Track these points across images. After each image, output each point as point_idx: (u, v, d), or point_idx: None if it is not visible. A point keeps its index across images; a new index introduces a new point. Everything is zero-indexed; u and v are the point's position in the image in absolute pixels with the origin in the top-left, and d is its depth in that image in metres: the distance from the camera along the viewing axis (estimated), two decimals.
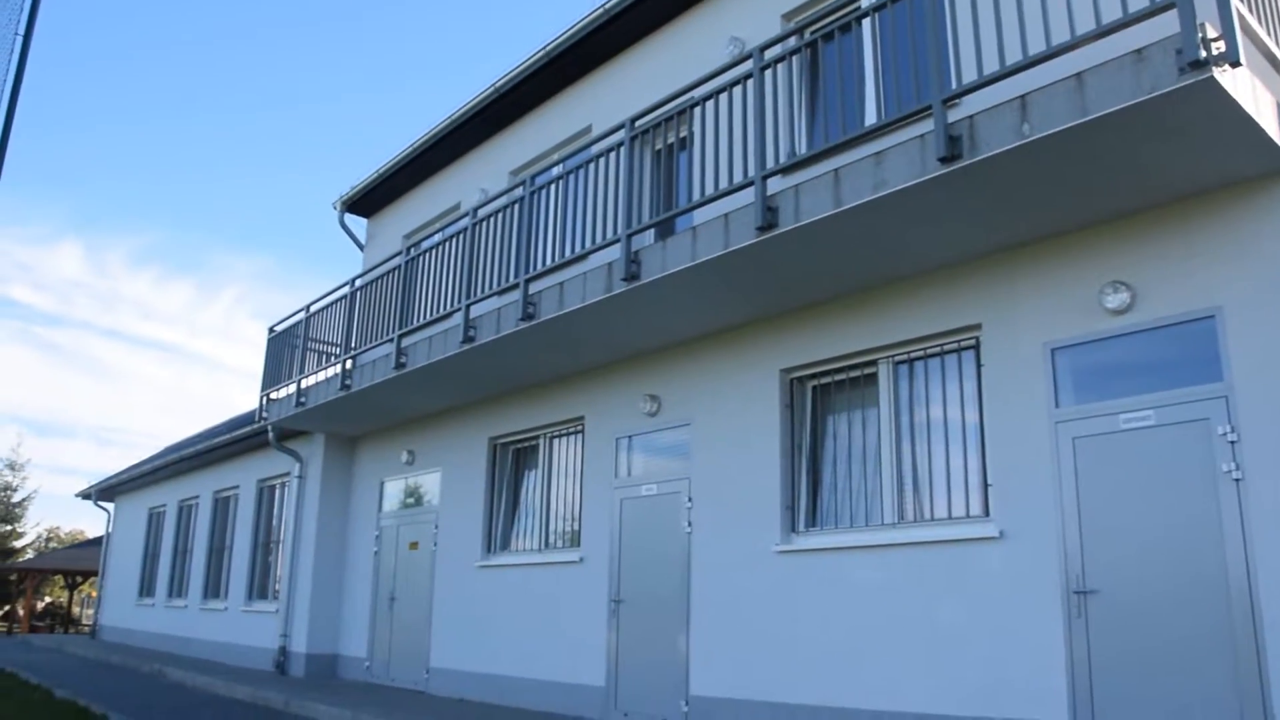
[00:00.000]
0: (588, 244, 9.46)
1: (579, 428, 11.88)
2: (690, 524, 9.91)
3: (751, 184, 7.75)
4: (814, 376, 9.32)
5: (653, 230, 9.10)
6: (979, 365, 7.96)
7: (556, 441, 12.38)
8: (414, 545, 14.37)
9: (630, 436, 10.99)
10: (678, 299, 9.10)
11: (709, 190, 8.31)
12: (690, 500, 9.97)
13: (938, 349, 8.37)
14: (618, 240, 8.98)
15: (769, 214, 7.53)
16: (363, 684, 14.38)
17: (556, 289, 9.72)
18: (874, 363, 8.79)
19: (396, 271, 12.58)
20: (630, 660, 10.31)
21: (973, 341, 8.08)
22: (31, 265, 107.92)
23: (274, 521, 18.09)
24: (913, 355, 8.53)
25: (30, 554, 54.64)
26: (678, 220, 8.91)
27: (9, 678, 15.92)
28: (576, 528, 11.62)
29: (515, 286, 10.20)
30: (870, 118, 7.61)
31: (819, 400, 9.33)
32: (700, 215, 8.62)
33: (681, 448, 10.30)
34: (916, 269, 8.22)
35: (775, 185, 7.76)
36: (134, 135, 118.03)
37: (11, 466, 57.17)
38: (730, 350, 9.88)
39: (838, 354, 8.93)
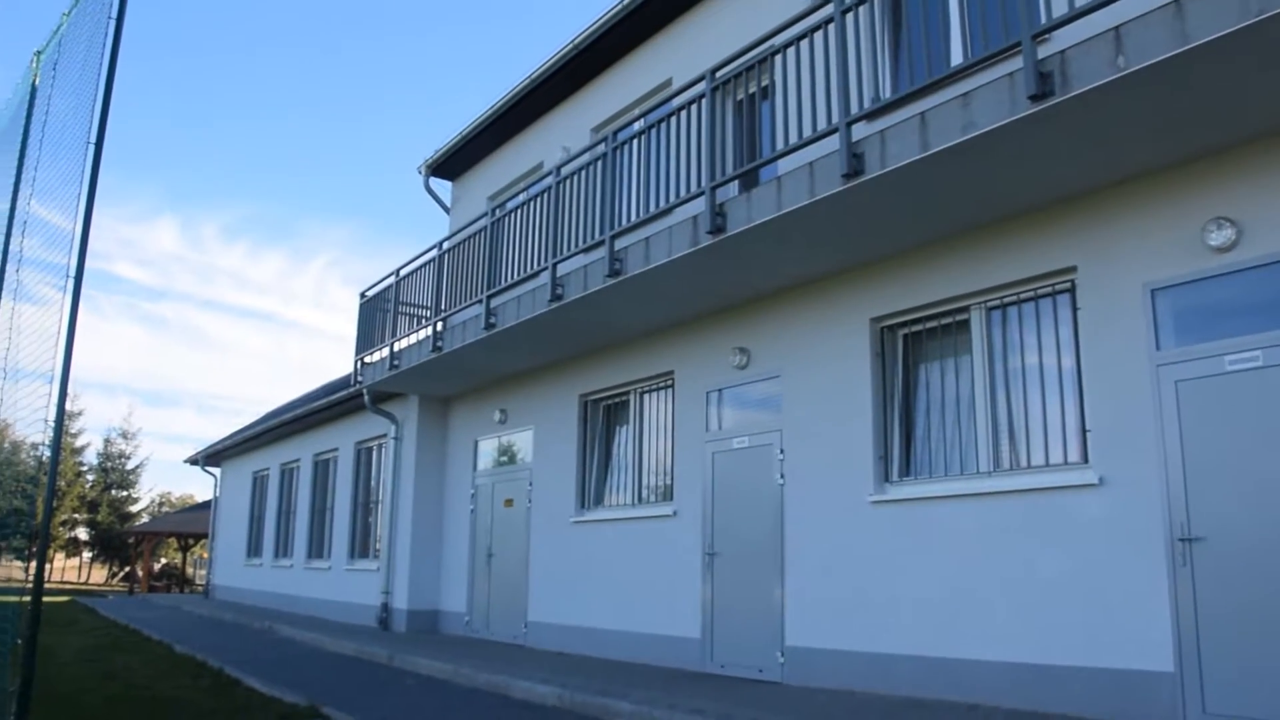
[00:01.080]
0: (672, 198, 9.43)
1: (669, 382, 11.91)
2: (782, 476, 9.89)
3: (835, 131, 7.62)
4: (904, 325, 9.19)
5: (736, 182, 9.02)
6: (1075, 309, 7.76)
7: (647, 397, 12.44)
8: (509, 502, 14.61)
9: (720, 390, 10.99)
10: (764, 250, 9.03)
11: (792, 139, 8.20)
12: (782, 452, 9.95)
13: (1031, 293, 8.18)
14: (702, 193, 8.93)
15: (854, 161, 7.41)
16: (463, 639, 14.72)
17: (642, 244, 9.72)
18: (965, 309, 8.63)
19: (483, 233, 12.70)
20: (725, 612, 10.38)
21: (1068, 284, 7.87)
22: (132, 241, 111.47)
23: (372, 482, 18.53)
24: (1005, 300, 8.36)
25: (145, 518, 56.93)
26: (761, 171, 8.82)
27: (133, 634, 16.67)
28: (669, 482, 11.69)
29: (601, 243, 10.23)
30: (956, 58, 7.40)
31: (910, 349, 9.20)
32: (784, 165, 8.51)
33: (772, 400, 10.26)
34: (1008, 212, 8.02)
35: (860, 131, 7.63)
36: (221, 111, 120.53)
37: (124, 435, 59.55)
38: (819, 300, 9.79)
39: (928, 301, 8.78)
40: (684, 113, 9.38)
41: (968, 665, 7.88)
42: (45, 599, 6.91)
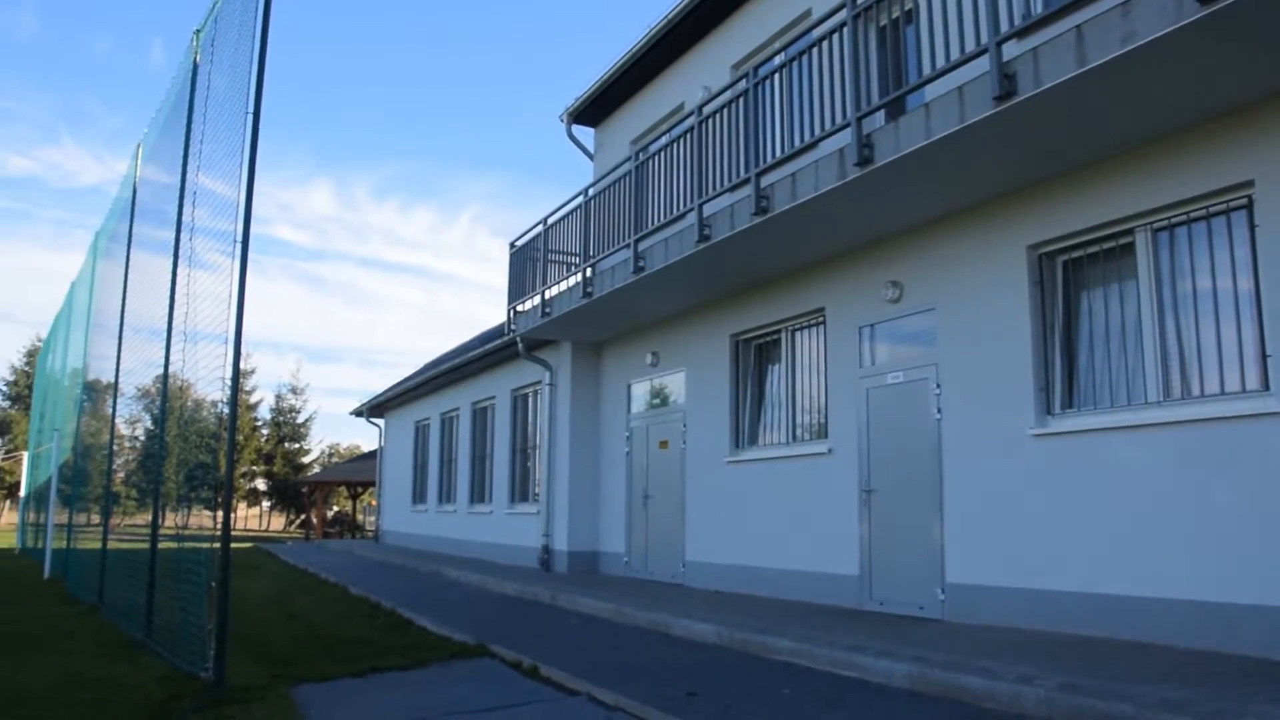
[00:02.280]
0: (816, 131, 9.25)
1: (820, 319, 11.77)
2: (940, 410, 9.70)
3: (985, 52, 7.32)
4: (1064, 251, 8.82)
5: (883, 111, 8.76)
6: (1252, 227, 7.30)
7: (798, 334, 12.33)
8: (664, 444, 14.75)
9: (873, 325, 10.80)
10: (914, 180, 8.79)
11: (939, 63, 7.91)
12: (938, 386, 9.74)
13: (1203, 211, 7.72)
14: (847, 125, 8.73)
15: (1006, 82, 7.11)
16: (622, 579, 15.02)
17: (788, 180, 9.58)
18: (1130, 232, 8.22)
19: (627, 177, 12.73)
20: (883, 549, 10.29)
21: (1244, 201, 7.40)
22: (289, 205, 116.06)
23: (529, 428, 18.97)
24: (1174, 221, 7.91)
25: (316, 468, 59.83)
26: (908, 99, 8.54)
27: (311, 577, 17.60)
28: (823, 420, 11.60)
29: (746, 181, 10.14)
30: None
31: (1071, 275, 8.83)
32: (932, 91, 8.22)
33: (927, 333, 10.04)
34: (1174, 127, 7.57)
35: (1011, 51, 7.29)
36: (366, 72, 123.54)
37: (294, 391, 62.63)
38: (973, 229, 9.48)
39: (1089, 225, 8.39)
40: (825, 43, 9.16)
41: (1138, 603, 7.62)
42: (232, 545, 7.34)
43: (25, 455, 29.81)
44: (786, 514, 11.80)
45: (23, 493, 29.90)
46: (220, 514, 7.50)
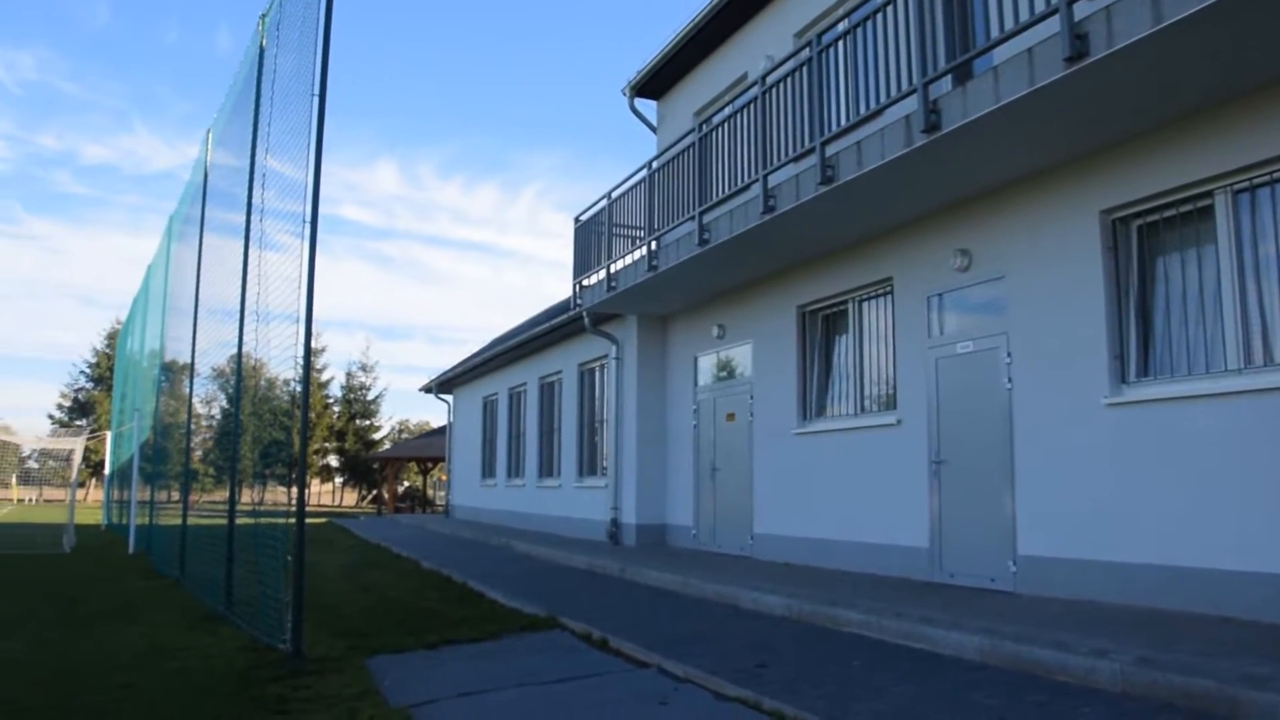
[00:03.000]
0: (882, 98, 9.11)
1: (887, 289, 11.63)
2: (1010, 380, 9.54)
3: (1055, 11, 7.12)
4: (1139, 215, 8.60)
5: (950, 76, 8.58)
6: None
7: (865, 305, 12.20)
8: (731, 416, 14.73)
9: (941, 294, 10.65)
10: (982, 146, 8.62)
11: (1008, 25, 7.71)
12: (1009, 356, 9.59)
13: None
14: (913, 91, 8.58)
15: (1078, 43, 6.93)
16: (690, 551, 15.06)
17: (854, 149, 9.46)
18: (1209, 194, 7.98)
19: (691, 149, 12.67)
20: (953, 521, 10.18)
21: None
22: (356, 185, 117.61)
23: (596, 402, 19.05)
24: (1256, 182, 7.66)
25: (387, 444, 60.77)
26: (975, 62, 8.35)
27: (384, 551, 17.92)
28: (891, 391, 11.49)
29: (811, 151, 10.03)
30: None
31: (1145, 240, 8.61)
32: (1000, 54, 8.03)
33: (997, 302, 9.87)
34: (1258, 83, 7.30)
35: (1083, 9, 7.09)
36: (429, 52, 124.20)
37: (364, 368, 63.51)
38: (1044, 194, 9.28)
39: (1166, 188, 8.15)
40: (890, 8, 9.00)
41: (1217, 576, 7.45)
42: (306, 521, 7.49)
43: (108, 435, 30.68)
44: (855, 486, 11.72)
45: (107, 471, 30.82)
46: (295, 490, 7.65)
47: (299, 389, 7.76)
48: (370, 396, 63.29)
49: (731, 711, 5.50)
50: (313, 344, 7.53)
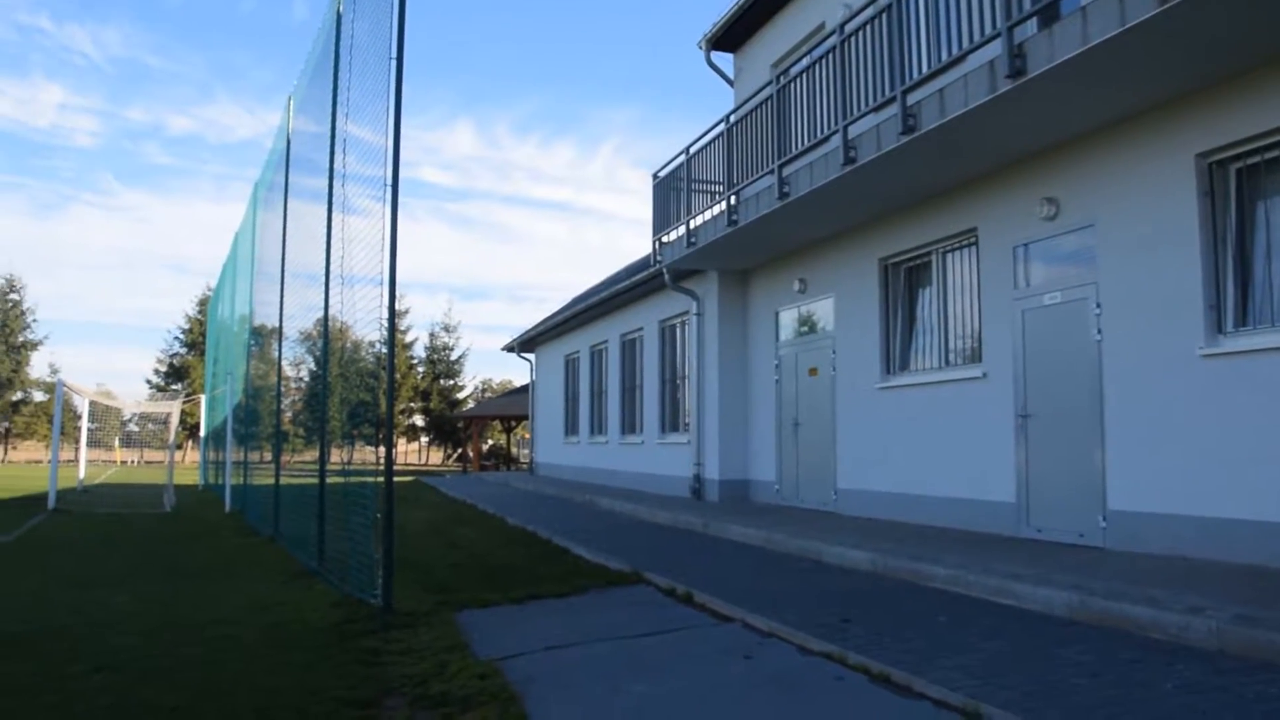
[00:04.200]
0: (965, 44, 8.88)
1: (972, 240, 11.40)
2: (1100, 332, 9.31)
3: None
4: (1237, 158, 8.28)
5: (1035, 19, 8.32)
6: None
7: (949, 256, 11.98)
8: (813, 371, 14.63)
9: (1027, 244, 10.41)
10: (1070, 90, 8.36)
11: None
12: (1098, 306, 9.35)
13: None
14: (998, 35, 8.34)
15: None
16: (773, 506, 15.04)
17: (936, 97, 9.25)
18: None
19: (769, 102, 12.52)
20: (1041, 475, 10.01)
21: None
22: (434, 148, 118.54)
23: (678, 358, 19.06)
24: None
25: (471, 404, 61.68)
26: (1063, 2, 8.08)
27: (470, 509, 18.21)
28: (976, 344, 11.30)
29: (892, 100, 9.84)
30: None
31: (1245, 184, 8.29)
32: None
33: (1085, 251, 9.62)
34: None
35: None
36: (502, 9, 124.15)
37: (447, 329, 64.30)
38: (1135, 139, 8.99)
39: (1267, 129, 7.83)
40: None
41: None
42: (394, 479, 7.64)
43: (203, 398, 31.61)
44: (940, 440, 11.58)
45: (202, 433, 31.77)
46: (382, 449, 7.80)
47: (384, 350, 7.89)
48: (453, 356, 64.11)
49: (816, 666, 5.50)
50: (396, 306, 7.63)
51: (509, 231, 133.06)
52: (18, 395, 61.90)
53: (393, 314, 7.63)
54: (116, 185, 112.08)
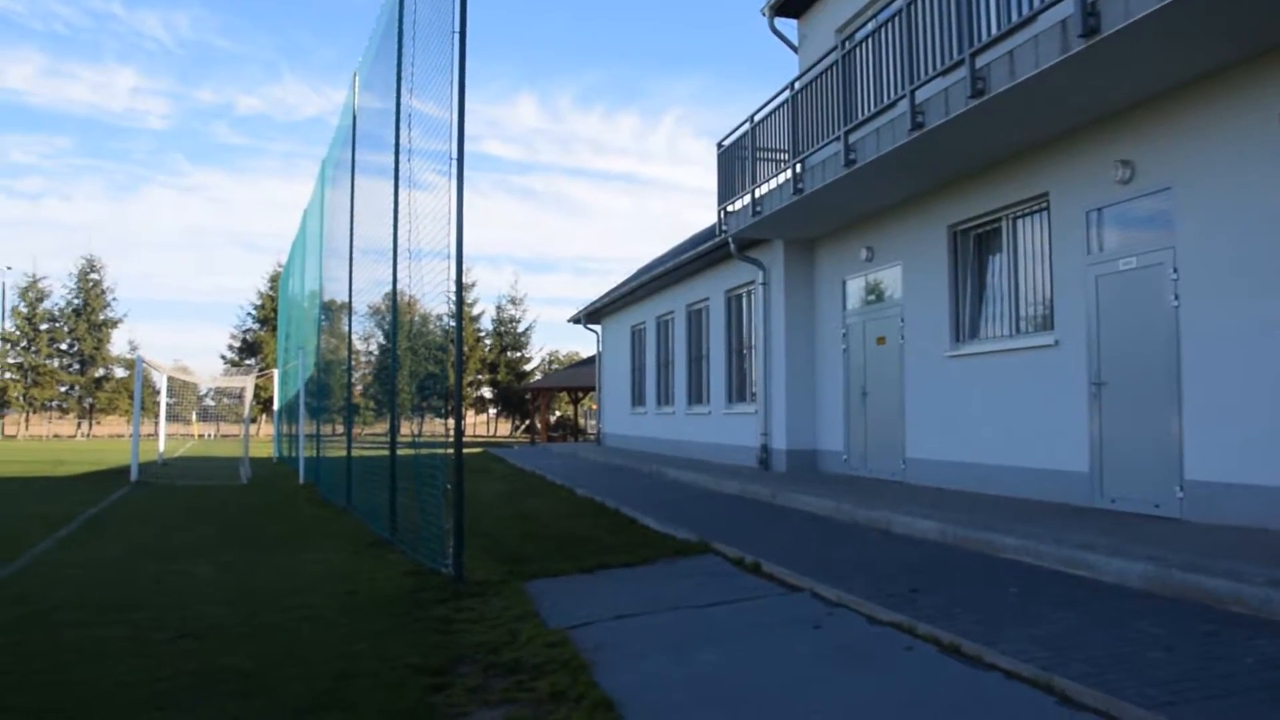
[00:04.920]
0: (1035, 3, 8.68)
1: (1043, 204, 11.18)
2: (1177, 297, 9.09)
3: None
4: None
5: None
6: None
7: (1020, 222, 11.76)
8: (881, 340, 14.49)
9: (1100, 209, 10.17)
10: (1146, 49, 8.13)
11: None
12: (1175, 272, 9.12)
13: None
14: None
15: None
16: (841, 476, 14.97)
17: (1006, 59, 9.06)
18: None
19: (834, 68, 12.36)
20: (1115, 445, 9.82)
21: None
22: (497, 121, 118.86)
23: (744, 328, 18.98)
24: None
25: (538, 375, 62.14)
26: None
27: (538, 479, 18.37)
28: (1048, 311, 11.09)
29: (960, 63, 9.66)
30: None
31: None
32: None
33: (1161, 215, 9.38)
34: None
35: None
36: None
37: (513, 301, 64.80)
38: (1214, 99, 8.72)
39: None
40: None
41: None
42: (464, 451, 7.73)
43: (275, 372, 32.20)
44: (1010, 409, 11.42)
45: (275, 406, 32.40)
46: (451, 421, 7.90)
47: (452, 324, 7.97)
48: (520, 329, 64.56)
49: (885, 636, 5.48)
50: (464, 279, 7.70)
51: (573, 204, 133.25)
52: (100, 372, 63.77)
53: (460, 287, 7.70)
54: (188, 165, 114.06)
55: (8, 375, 61.47)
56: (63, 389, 63.46)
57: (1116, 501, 9.73)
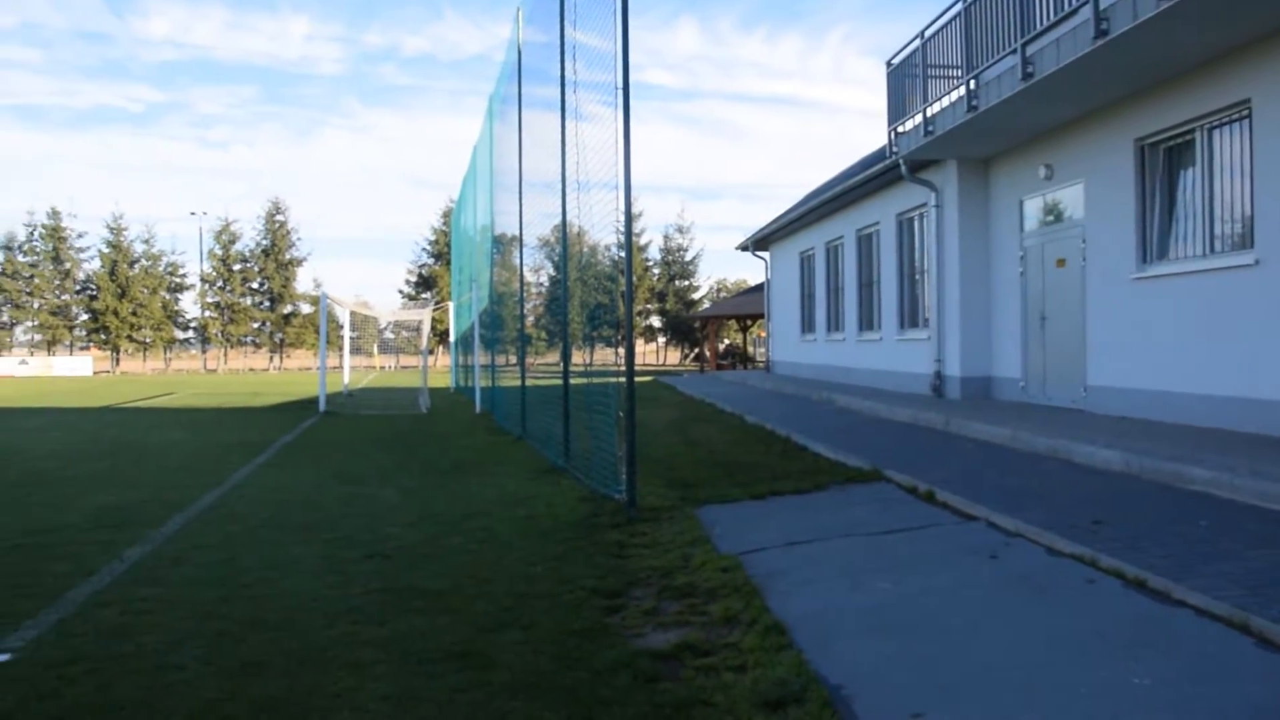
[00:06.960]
0: None
1: (1244, 112, 10.42)
2: None
3: None
4: None
5: None
6: None
7: (1216, 133, 11.01)
8: (1061, 262, 13.90)
9: None
10: None
11: None
12: None
13: None
14: None
15: None
16: (1018, 404, 14.53)
17: None
18: None
19: None
20: None
21: None
22: (657, 49, 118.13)
23: (916, 252, 18.51)
24: None
25: (706, 304, 62.35)
26: None
27: (708, 407, 18.51)
28: (1247, 228, 10.40)
29: None
30: None
31: None
32: None
33: None
34: None
35: None
36: None
37: (680, 230, 65.08)
38: None
39: None
40: None
41: None
42: (635, 379, 7.85)
43: (450, 305, 33.24)
44: (1202, 333, 10.81)
45: (452, 338, 33.53)
46: (623, 350, 8.01)
47: (621, 254, 8.04)
48: (688, 257, 64.82)
49: (1066, 568, 5.33)
50: (632, 209, 7.76)
51: (737, 130, 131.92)
52: (288, 308, 67.53)
53: (629, 217, 7.74)
54: (360, 107, 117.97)
55: (208, 314, 65.78)
56: (255, 325, 67.60)
57: None
